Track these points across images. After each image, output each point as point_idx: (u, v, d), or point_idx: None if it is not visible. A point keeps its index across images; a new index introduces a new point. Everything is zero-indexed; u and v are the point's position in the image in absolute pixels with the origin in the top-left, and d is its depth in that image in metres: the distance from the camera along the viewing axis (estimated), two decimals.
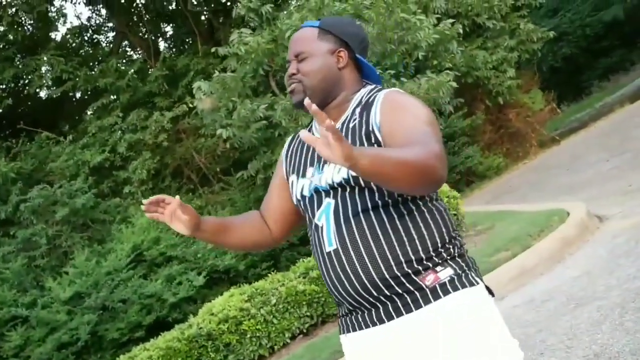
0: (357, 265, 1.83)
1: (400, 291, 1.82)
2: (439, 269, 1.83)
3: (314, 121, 2.08)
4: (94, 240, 11.03)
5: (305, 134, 1.58)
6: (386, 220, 1.84)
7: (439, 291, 1.81)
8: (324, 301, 6.45)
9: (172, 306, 8.72)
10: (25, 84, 16.86)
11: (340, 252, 1.86)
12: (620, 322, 4.05)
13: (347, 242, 1.85)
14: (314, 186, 1.95)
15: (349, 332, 1.95)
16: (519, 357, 1.84)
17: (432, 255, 1.84)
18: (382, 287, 1.82)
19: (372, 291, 1.83)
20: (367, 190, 1.85)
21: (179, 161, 13.77)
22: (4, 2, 16.14)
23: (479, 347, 1.79)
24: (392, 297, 1.83)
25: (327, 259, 1.90)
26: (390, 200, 1.85)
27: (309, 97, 1.90)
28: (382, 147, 1.83)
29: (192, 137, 13.61)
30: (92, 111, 15.57)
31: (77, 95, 17.65)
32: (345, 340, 1.98)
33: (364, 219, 1.84)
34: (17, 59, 16.33)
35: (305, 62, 1.99)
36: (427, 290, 1.81)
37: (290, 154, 2.12)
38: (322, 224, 1.91)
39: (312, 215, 1.96)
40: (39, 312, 8.70)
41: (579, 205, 7.04)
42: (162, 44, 19.86)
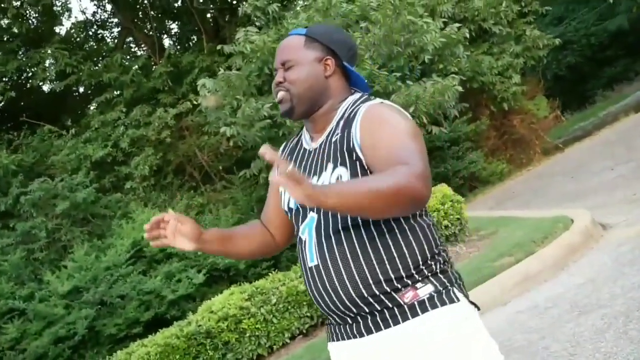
0: (337, 283, 1.85)
1: (379, 308, 1.83)
2: (418, 285, 1.84)
3: (304, 129, 2.10)
4: (93, 234, 10.99)
5: (273, 177, 1.60)
6: (366, 238, 1.84)
7: (417, 308, 1.83)
8: None
9: (170, 303, 8.68)
10: (28, 77, 16.83)
11: (320, 268, 1.88)
12: (624, 330, 4.02)
13: (327, 260, 1.87)
14: None
15: (335, 340, 1.97)
16: None
17: (413, 272, 1.85)
18: (361, 304, 1.84)
19: (351, 308, 1.86)
20: None
21: (182, 158, 13.75)
22: None
23: None
24: (372, 312, 1.84)
25: (309, 273, 1.92)
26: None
27: (295, 105, 1.97)
28: (364, 164, 1.82)
29: (196, 134, 13.60)
30: (95, 106, 15.53)
31: (80, 89, 17.63)
32: (331, 347, 2.00)
33: (344, 236, 1.85)
34: (21, 51, 16.27)
35: (292, 71, 1.99)
36: (406, 307, 1.82)
37: None
38: (306, 238, 1.94)
39: (297, 227, 1.99)
40: (36, 306, 8.66)
41: (583, 212, 7.00)
42: (166, 41, 19.84)
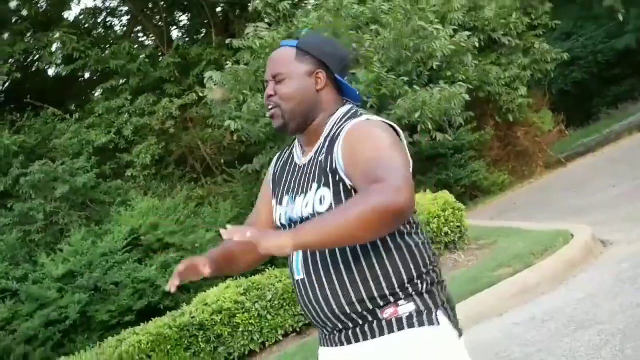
0: (320, 298, 1.90)
1: (361, 322, 1.87)
2: (401, 303, 1.86)
3: (297, 140, 2.10)
4: (91, 220, 10.95)
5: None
6: (351, 258, 1.86)
7: (395, 325, 1.84)
8: None
9: (165, 293, 8.62)
10: (34, 60, 16.78)
11: (306, 282, 1.93)
12: (620, 348, 4.00)
13: (312, 275, 1.91)
14: (289, 216, 1.99)
15: (323, 346, 2.01)
16: None
17: (397, 291, 1.86)
18: (343, 319, 1.89)
19: (334, 321, 1.90)
20: None
21: (184, 149, 13.74)
22: None
23: None
24: (355, 324, 1.88)
25: (297, 286, 1.97)
26: None
27: (288, 121, 1.98)
28: (348, 186, 1.84)
29: (199, 126, 13.58)
30: (101, 92, 15.50)
31: (86, 75, 17.58)
32: (320, 351, 2.04)
33: (328, 254, 1.88)
34: (29, 34, 16.21)
35: (282, 85, 1.99)
36: (384, 322, 1.85)
37: (274, 177, 2.14)
38: (294, 253, 1.95)
39: None
40: (29, 287, 8.62)
41: (584, 228, 6.97)
42: (175, 33, 19.79)
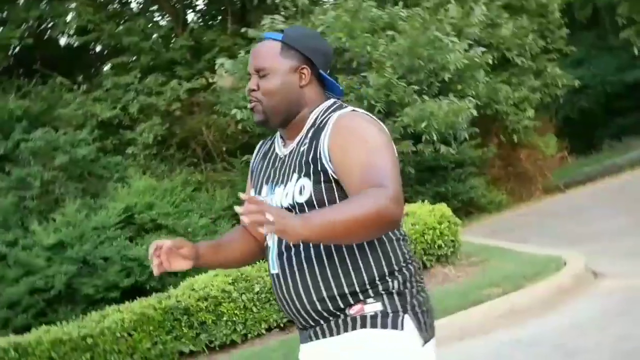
0: (293, 293, 1.91)
1: (330, 318, 1.89)
2: (369, 301, 1.86)
3: (277, 134, 2.08)
4: (87, 193, 10.91)
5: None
6: (324, 252, 1.87)
7: (358, 322, 1.86)
8: None
9: (152, 274, 8.61)
10: (47, 28, 16.71)
11: (280, 277, 1.94)
12: None
13: (286, 270, 1.92)
14: None
15: (301, 343, 2.02)
16: None
17: (367, 287, 1.86)
18: (314, 315, 1.91)
19: (306, 317, 1.92)
20: None
21: (187, 133, 13.68)
22: None
23: None
24: (324, 320, 1.90)
25: (272, 279, 1.99)
26: None
27: (269, 117, 1.96)
28: (330, 176, 1.84)
29: (205, 112, 13.53)
30: (110, 67, 15.45)
31: (98, 48, 17.52)
32: (300, 350, 2.05)
33: (302, 248, 1.88)
34: (45, 0, 16.16)
35: (266, 80, 1.96)
36: (348, 318, 1.86)
37: (254, 168, 2.13)
38: (270, 246, 1.98)
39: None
40: (18, 252, 8.64)
41: (577, 256, 6.95)
42: (191, 16, 19.73)
